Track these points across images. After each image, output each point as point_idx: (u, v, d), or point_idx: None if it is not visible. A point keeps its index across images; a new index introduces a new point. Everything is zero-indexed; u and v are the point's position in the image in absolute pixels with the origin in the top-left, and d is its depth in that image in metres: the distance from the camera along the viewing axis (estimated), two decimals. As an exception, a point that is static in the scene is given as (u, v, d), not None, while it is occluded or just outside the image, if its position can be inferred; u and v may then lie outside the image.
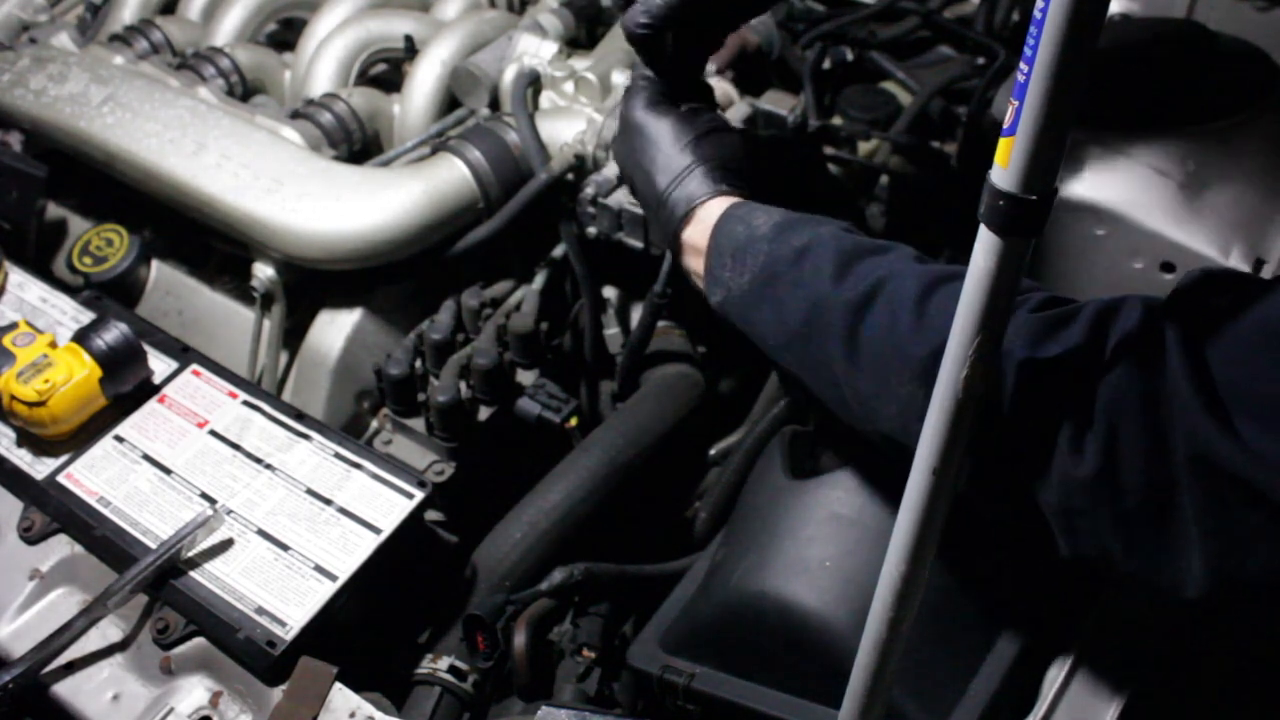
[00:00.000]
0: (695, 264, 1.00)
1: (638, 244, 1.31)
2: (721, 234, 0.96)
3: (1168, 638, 0.94)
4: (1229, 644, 0.99)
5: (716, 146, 1.03)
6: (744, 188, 1.01)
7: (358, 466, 1.07)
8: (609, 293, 1.48)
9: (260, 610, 0.96)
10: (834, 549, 1.02)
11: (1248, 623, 0.94)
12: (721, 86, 1.44)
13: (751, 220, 0.94)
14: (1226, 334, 0.69)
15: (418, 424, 1.26)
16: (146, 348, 1.15)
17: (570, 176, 1.35)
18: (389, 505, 1.04)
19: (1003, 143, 0.56)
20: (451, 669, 1.04)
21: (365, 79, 1.60)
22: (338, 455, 1.08)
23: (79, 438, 1.11)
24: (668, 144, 1.02)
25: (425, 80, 1.51)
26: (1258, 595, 0.72)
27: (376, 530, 1.02)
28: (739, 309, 0.95)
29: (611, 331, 1.47)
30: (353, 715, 0.92)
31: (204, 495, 1.05)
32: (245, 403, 1.14)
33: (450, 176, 1.32)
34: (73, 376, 1.08)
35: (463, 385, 1.24)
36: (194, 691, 0.95)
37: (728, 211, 0.96)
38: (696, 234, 0.98)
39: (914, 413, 0.76)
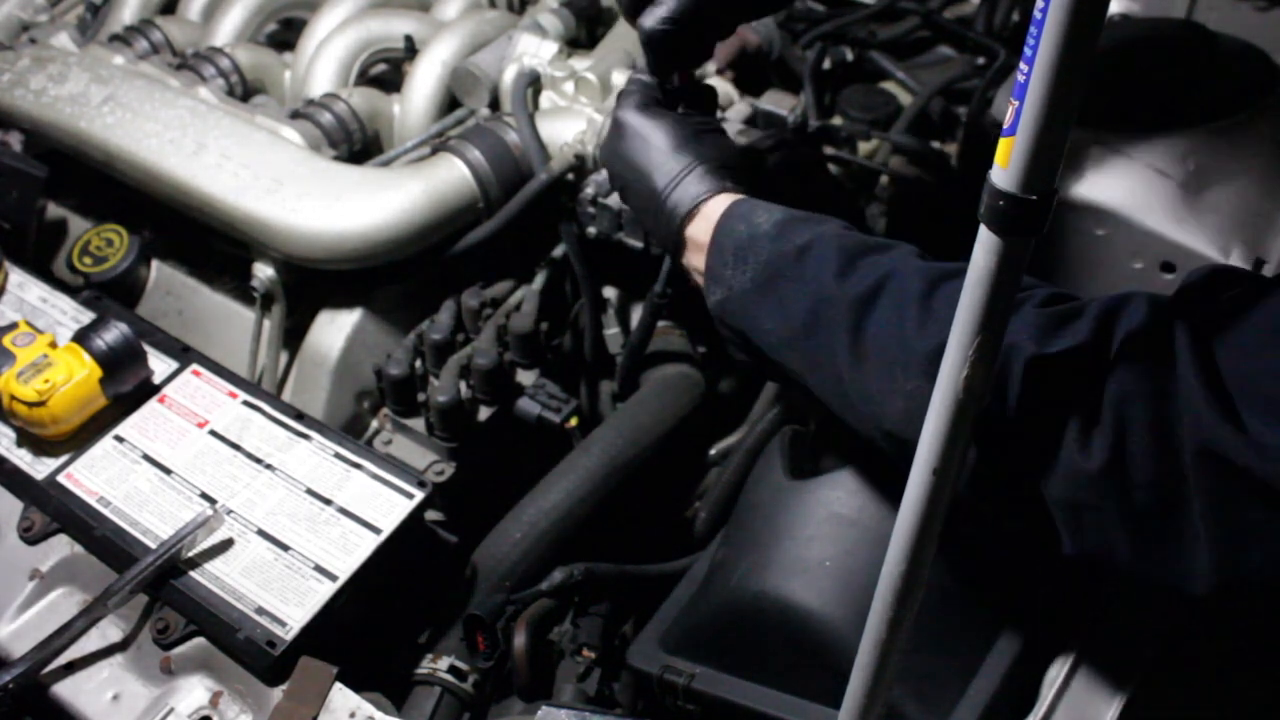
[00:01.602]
0: (697, 261, 0.99)
1: (638, 244, 1.31)
2: (723, 232, 0.95)
3: (1167, 638, 0.94)
4: (1229, 644, 0.99)
5: (714, 147, 1.02)
6: (745, 185, 1.01)
7: (358, 466, 1.07)
8: (609, 293, 1.48)
9: (260, 610, 0.96)
10: (834, 549, 1.02)
11: (1249, 621, 0.94)
12: (722, 86, 1.44)
13: (753, 218, 0.94)
14: (1234, 329, 0.69)
15: (418, 424, 1.26)
16: (146, 348, 1.15)
17: (570, 176, 1.35)
18: (389, 505, 1.04)
19: (1003, 143, 0.56)
20: (451, 669, 1.04)
21: (365, 79, 1.60)
22: (338, 455, 1.08)
23: (79, 438, 1.11)
24: (665, 144, 1.02)
25: (425, 80, 1.51)
26: (1263, 591, 0.72)
27: (376, 530, 1.02)
28: (740, 307, 0.94)
29: (611, 331, 1.46)
30: (353, 715, 0.92)
31: (204, 495, 1.05)
32: (245, 403, 1.14)
33: (450, 176, 1.32)
34: (73, 376, 1.08)
35: (463, 385, 1.24)
36: (194, 691, 0.95)
37: (729, 209, 0.96)
38: (700, 230, 0.98)
39: (919, 408, 0.76)
